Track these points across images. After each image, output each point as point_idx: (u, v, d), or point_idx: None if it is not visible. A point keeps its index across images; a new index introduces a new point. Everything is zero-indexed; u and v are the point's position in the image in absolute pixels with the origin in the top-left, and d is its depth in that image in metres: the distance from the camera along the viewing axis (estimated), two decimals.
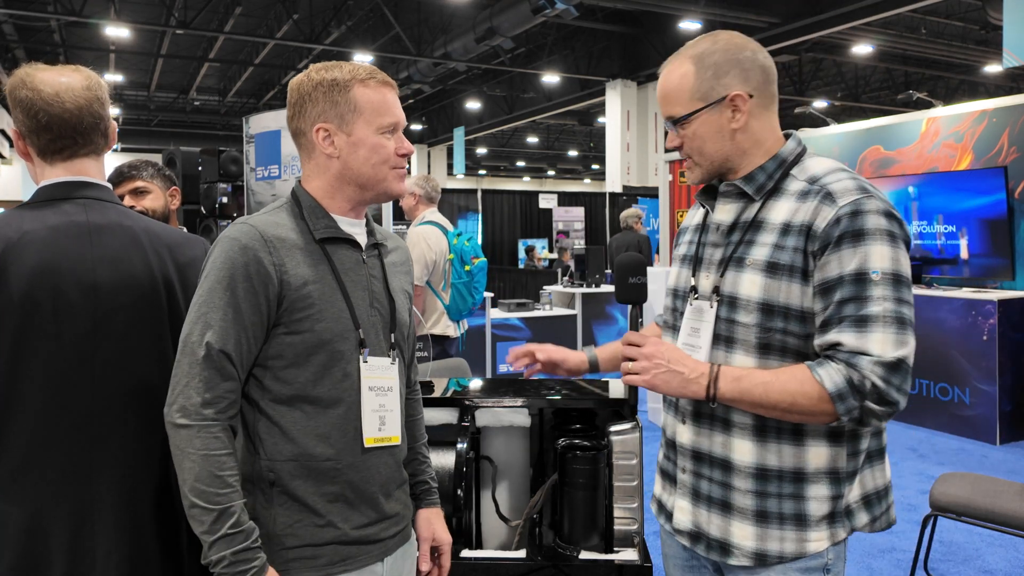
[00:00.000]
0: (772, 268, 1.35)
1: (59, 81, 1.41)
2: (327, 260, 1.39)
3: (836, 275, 1.30)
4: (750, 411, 1.37)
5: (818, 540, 1.38)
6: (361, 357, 1.40)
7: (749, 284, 1.38)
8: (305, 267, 1.36)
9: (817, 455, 1.37)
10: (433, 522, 1.62)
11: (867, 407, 1.27)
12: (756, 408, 1.35)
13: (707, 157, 1.44)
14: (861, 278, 1.28)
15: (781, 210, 1.39)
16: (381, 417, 1.42)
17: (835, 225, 1.30)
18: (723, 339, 1.42)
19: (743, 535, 1.40)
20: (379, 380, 1.43)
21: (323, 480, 1.35)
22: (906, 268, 1.31)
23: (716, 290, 1.43)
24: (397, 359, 1.47)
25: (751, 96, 1.41)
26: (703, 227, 1.54)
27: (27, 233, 1.34)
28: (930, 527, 3.25)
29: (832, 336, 1.30)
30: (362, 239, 1.47)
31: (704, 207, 1.55)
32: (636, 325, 1.55)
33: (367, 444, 1.39)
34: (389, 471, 1.45)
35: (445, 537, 1.62)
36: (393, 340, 1.48)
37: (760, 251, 1.38)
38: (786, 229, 1.36)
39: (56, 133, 1.41)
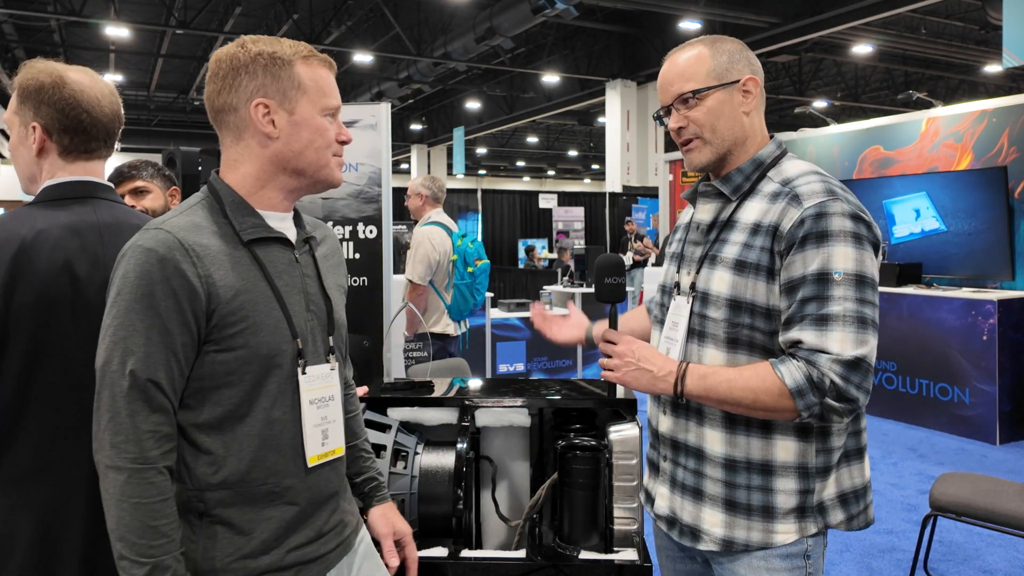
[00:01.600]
0: (740, 266, 1.41)
1: (96, 85, 1.46)
2: (257, 265, 1.25)
3: (800, 275, 1.34)
4: (717, 407, 1.41)
5: (785, 532, 1.42)
6: (300, 370, 1.28)
7: (719, 281, 1.43)
8: (234, 275, 1.22)
9: (785, 449, 1.41)
10: (390, 516, 1.54)
11: (827, 404, 1.31)
12: (722, 405, 1.39)
13: (719, 135, 1.47)
14: (823, 278, 1.32)
15: (753, 210, 1.43)
16: (324, 431, 1.32)
17: (799, 226, 1.34)
18: (696, 333, 1.48)
19: (713, 521, 1.45)
20: (320, 391, 1.32)
21: (261, 505, 1.24)
22: (871, 269, 1.34)
23: (693, 286, 1.49)
24: (337, 364, 1.37)
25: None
26: (688, 226, 1.61)
27: (41, 232, 1.35)
28: (930, 527, 3.25)
29: (793, 334, 1.34)
30: (291, 234, 1.34)
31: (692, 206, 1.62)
32: (614, 323, 1.58)
33: (311, 463, 1.29)
34: (332, 486, 1.36)
35: (404, 528, 1.54)
36: (331, 344, 1.37)
37: (731, 249, 1.43)
38: (756, 229, 1.41)
39: (91, 135, 1.45)
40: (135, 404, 1.15)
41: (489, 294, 7.14)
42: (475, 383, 2.50)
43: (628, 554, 1.97)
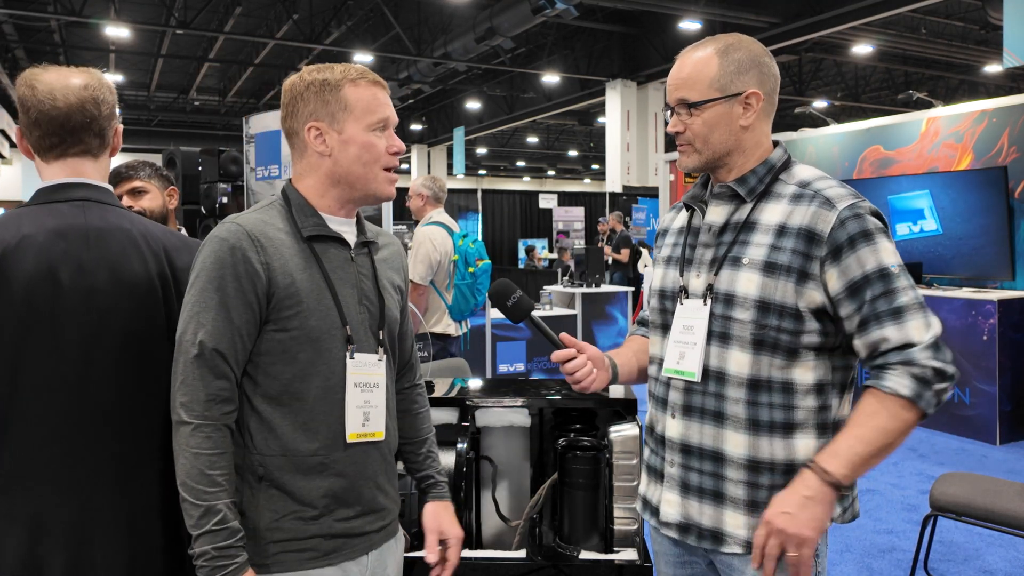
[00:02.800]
0: (769, 268, 1.41)
1: (57, 80, 1.42)
2: (315, 258, 1.41)
3: (860, 275, 1.37)
4: (867, 470, 1.37)
5: None
6: (348, 354, 1.42)
7: (746, 282, 1.43)
8: (293, 265, 1.38)
9: (806, 447, 1.42)
10: (440, 515, 1.62)
11: (937, 390, 1.35)
12: (872, 463, 1.36)
13: (710, 146, 1.49)
14: (884, 274, 1.37)
15: (774, 212, 1.45)
16: (366, 413, 1.44)
17: (841, 228, 1.38)
18: (717, 335, 1.47)
19: (736, 524, 1.44)
20: (365, 376, 1.44)
21: (312, 474, 1.37)
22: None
23: (710, 288, 1.48)
24: (385, 356, 1.49)
25: (763, 98, 1.48)
26: (688, 229, 1.59)
27: (26, 237, 1.33)
28: (930, 527, 3.25)
29: (875, 334, 1.37)
30: (351, 238, 1.49)
31: (694, 208, 1.60)
32: (553, 339, 1.59)
33: (349, 440, 1.41)
34: (376, 464, 1.47)
35: (453, 530, 1.61)
36: (381, 337, 1.49)
37: (756, 251, 1.43)
38: (781, 231, 1.42)
39: (44, 130, 1.42)
40: (202, 370, 1.31)
41: None
42: (475, 383, 2.50)
43: (628, 554, 1.97)
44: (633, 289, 9.34)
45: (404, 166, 28.02)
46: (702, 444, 1.47)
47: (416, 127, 24.32)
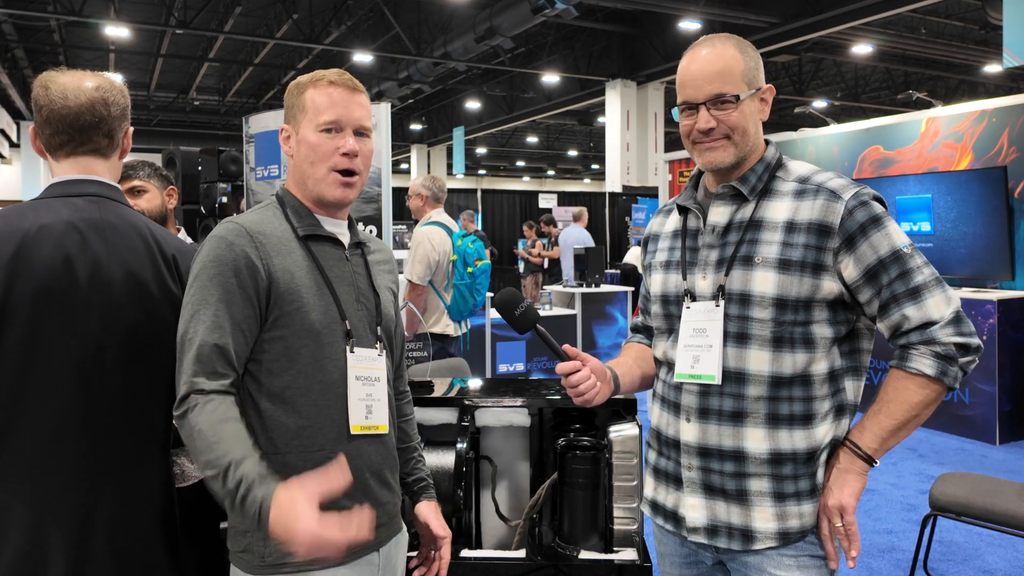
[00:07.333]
0: (784, 265, 1.42)
1: (71, 82, 1.46)
2: (311, 256, 1.44)
3: (875, 259, 1.40)
4: (897, 443, 1.44)
5: None
6: (348, 347, 1.43)
7: (762, 281, 1.43)
8: (290, 262, 1.40)
9: (825, 433, 1.45)
10: (431, 514, 1.64)
11: (961, 364, 1.39)
12: (900, 436, 1.43)
13: (748, 139, 1.49)
14: (897, 255, 1.40)
15: (779, 209, 1.46)
16: (368, 406, 1.45)
17: (850, 217, 1.41)
18: (734, 336, 1.46)
19: (764, 517, 1.44)
20: (366, 370, 1.46)
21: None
22: None
23: (721, 289, 1.47)
24: (384, 351, 1.51)
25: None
26: (684, 232, 1.58)
27: (45, 226, 1.36)
28: (930, 527, 3.25)
29: (895, 316, 1.41)
30: (344, 238, 1.52)
31: (691, 211, 1.58)
32: (557, 351, 1.54)
33: (353, 431, 1.42)
34: (379, 457, 1.48)
35: (443, 531, 1.63)
36: (379, 333, 1.51)
37: (768, 249, 1.44)
38: (790, 227, 1.44)
39: (55, 128, 1.45)
40: (204, 364, 1.30)
41: (489, 294, 7.15)
42: (475, 383, 2.50)
43: (628, 554, 1.97)
44: (634, 289, 9.34)
45: (404, 166, 28.04)
46: (721, 445, 1.46)
47: (416, 127, 24.31)
